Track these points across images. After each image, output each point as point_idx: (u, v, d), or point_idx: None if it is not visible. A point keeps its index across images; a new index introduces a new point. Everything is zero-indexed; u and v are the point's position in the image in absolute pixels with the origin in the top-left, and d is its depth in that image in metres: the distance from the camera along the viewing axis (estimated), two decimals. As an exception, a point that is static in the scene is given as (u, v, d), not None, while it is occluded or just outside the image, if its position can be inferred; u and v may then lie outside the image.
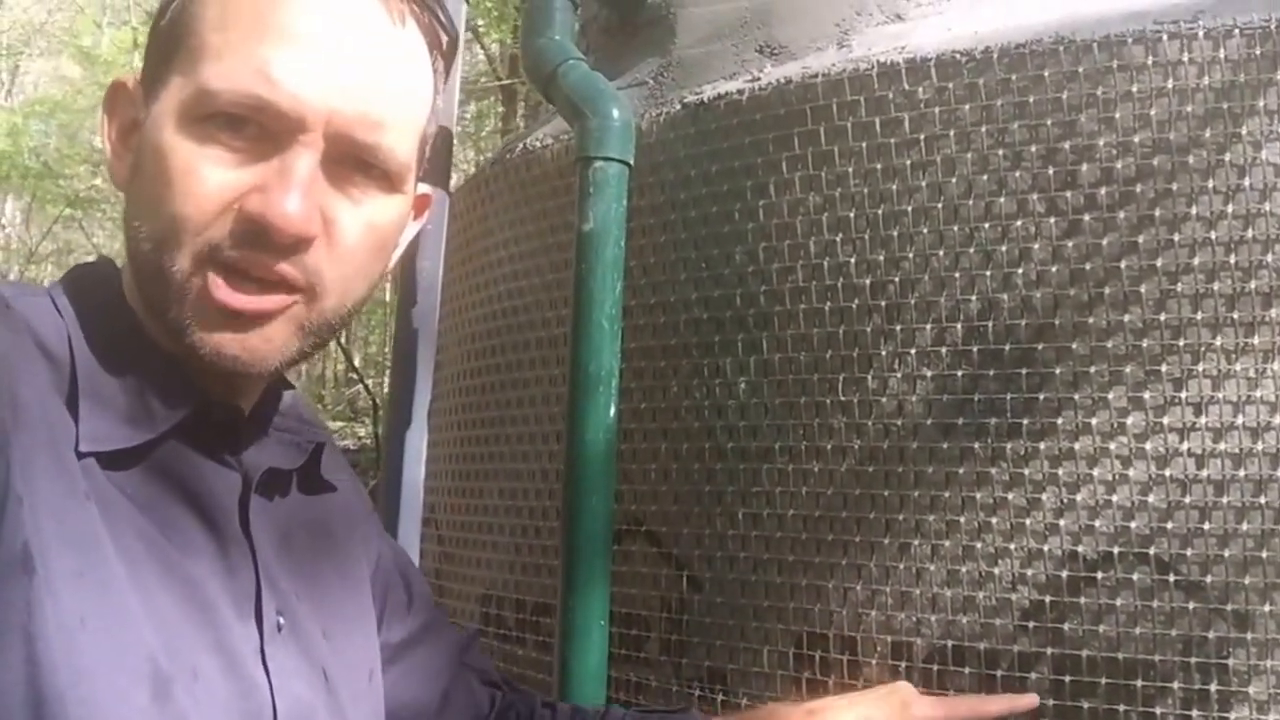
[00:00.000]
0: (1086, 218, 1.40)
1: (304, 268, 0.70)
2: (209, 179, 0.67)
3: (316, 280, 0.70)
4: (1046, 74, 1.43)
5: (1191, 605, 1.30)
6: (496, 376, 2.02)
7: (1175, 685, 1.29)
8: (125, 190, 0.73)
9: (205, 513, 0.71)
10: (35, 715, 0.56)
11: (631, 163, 1.55)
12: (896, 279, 1.49)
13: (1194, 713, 1.28)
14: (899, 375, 1.48)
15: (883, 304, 1.50)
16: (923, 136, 1.49)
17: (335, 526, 0.88)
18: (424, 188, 0.83)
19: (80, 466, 0.64)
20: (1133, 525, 1.34)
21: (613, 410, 1.48)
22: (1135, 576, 1.33)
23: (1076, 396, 1.38)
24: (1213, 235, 1.36)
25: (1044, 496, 1.38)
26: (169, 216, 0.67)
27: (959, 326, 1.45)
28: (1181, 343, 1.35)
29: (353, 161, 0.71)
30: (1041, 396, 1.39)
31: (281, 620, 0.74)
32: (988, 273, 1.44)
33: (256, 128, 0.67)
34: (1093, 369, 1.38)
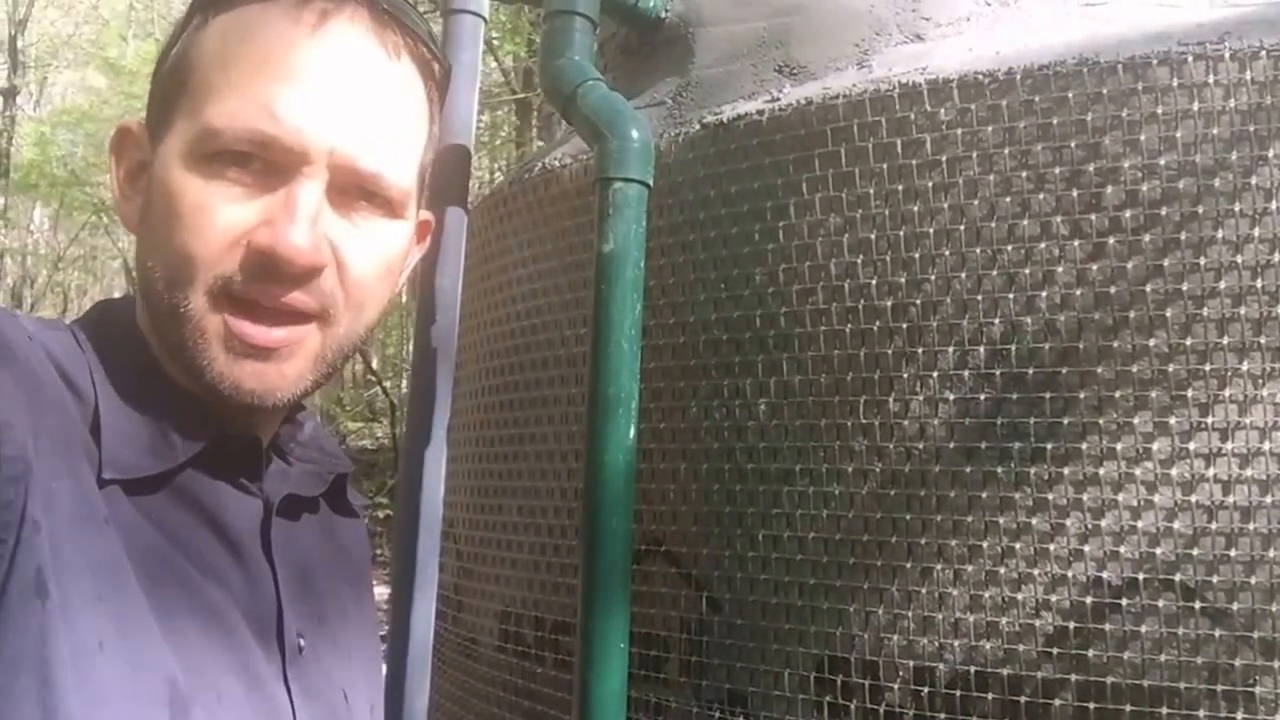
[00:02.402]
0: (1111, 240, 1.39)
1: (318, 293, 0.71)
2: (217, 215, 0.68)
3: (331, 304, 0.72)
4: (1070, 95, 1.42)
5: (1218, 632, 1.29)
6: (515, 395, 2.02)
7: (1201, 713, 1.28)
8: (136, 232, 0.75)
9: (227, 537, 0.72)
10: None
11: (651, 184, 1.55)
12: (918, 301, 1.48)
13: (1221, 742, 1.27)
14: (921, 398, 1.47)
15: (904, 326, 1.49)
16: (945, 158, 1.48)
17: (354, 553, 0.89)
18: (425, 214, 0.85)
19: (103, 494, 0.65)
20: (1158, 551, 1.32)
21: (632, 431, 1.47)
22: (1160, 603, 1.31)
23: (1101, 421, 1.37)
24: (1239, 259, 1.34)
25: (1068, 522, 1.37)
26: (180, 254, 0.69)
27: (982, 349, 1.44)
28: (1208, 367, 1.33)
29: (356, 191, 0.73)
30: (1065, 421, 1.38)
31: (302, 642, 0.75)
32: (1011, 295, 1.43)
33: (261, 163, 0.69)
34: (1118, 393, 1.37)
